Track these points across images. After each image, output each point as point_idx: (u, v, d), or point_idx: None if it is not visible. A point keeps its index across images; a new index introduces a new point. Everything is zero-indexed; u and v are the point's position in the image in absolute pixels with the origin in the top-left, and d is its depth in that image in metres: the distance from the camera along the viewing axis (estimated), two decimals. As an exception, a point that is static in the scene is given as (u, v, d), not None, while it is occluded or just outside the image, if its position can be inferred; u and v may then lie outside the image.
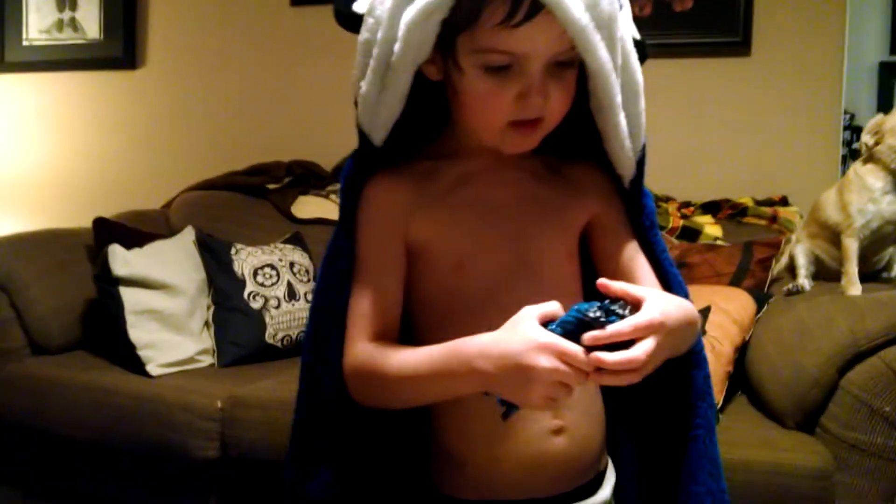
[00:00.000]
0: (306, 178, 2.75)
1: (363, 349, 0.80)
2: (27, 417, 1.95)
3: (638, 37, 0.83)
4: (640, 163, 0.86)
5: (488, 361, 0.70)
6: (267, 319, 2.13)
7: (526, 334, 0.68)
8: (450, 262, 0.83)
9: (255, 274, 2.20)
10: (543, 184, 0.87)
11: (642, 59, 0.83)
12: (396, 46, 0.75)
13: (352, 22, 0.80)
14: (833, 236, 1.89)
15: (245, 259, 2.21)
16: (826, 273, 1.94)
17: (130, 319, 1.99)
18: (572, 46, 0.75)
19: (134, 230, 2.28)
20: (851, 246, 1.81)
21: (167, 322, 2.05)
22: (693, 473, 0.87)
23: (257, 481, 1.80)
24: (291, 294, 2.21)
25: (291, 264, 2.28)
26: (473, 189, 0.85)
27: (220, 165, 2.86)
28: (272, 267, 2.23)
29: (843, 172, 2.11)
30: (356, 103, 0.82)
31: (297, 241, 2.40)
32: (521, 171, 0.87)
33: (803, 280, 1.91)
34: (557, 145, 0.88)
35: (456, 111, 0.83)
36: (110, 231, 2.21)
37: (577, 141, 0.88)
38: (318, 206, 2.63)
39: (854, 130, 2.41)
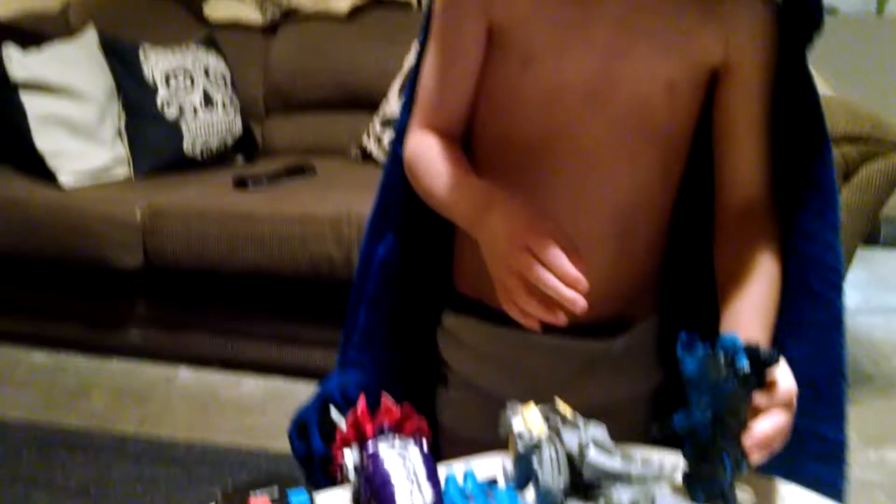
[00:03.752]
0: (217, -26, 2.56)
1: (418, 140, 0.76)
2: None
3: None
4: None
5: (484, 233, 0.67)
6: (184, 129, 2.07)
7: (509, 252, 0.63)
8: (520, 55, 0.71)
9: (168, 79, 2.09)
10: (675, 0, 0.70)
11: None
12: None
13: None
14: None
15: (155, 64, 2.10)
16: None
17: (35, 127, 1.91)
18: None
19: (30, 31, 2.15)
20: None
21: (76, 129, 1.96)
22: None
23: (184, 287, 1.84)
24: (207, 100, 2.12)
25: (206, 70, 2.17)
26: None
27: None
28: (185, 71, 2.12)
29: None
30: None
31: (210, 43, 2.27)
32: None
33: None
34: None
35: None
36: (3, 31, 2.08)
37: None
38: (232, 7, 2.48)
39: None
